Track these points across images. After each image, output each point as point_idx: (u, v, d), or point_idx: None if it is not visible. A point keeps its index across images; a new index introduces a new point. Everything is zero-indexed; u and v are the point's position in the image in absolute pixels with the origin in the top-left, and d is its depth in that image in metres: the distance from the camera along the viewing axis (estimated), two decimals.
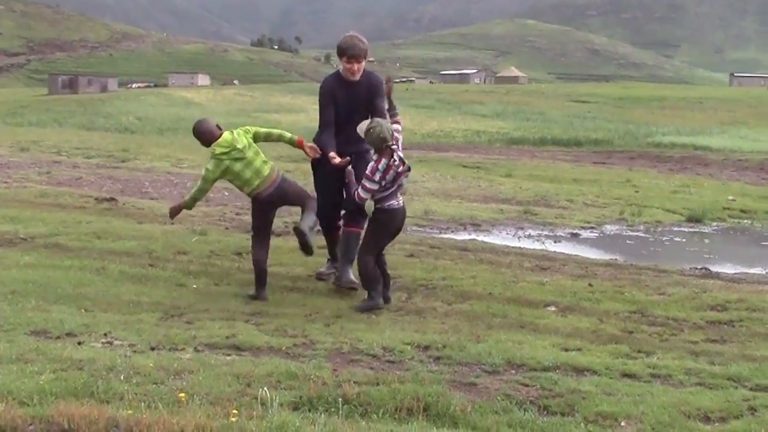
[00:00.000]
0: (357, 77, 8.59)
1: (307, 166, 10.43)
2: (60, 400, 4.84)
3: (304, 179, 18.89)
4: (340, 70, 8.73)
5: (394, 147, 7.89)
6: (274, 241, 10.51)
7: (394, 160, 7.87)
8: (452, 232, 13.23)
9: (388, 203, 8.02)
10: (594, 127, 49.96)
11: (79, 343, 6.37)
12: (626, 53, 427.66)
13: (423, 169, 22.54)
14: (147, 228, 11.94)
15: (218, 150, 8.10)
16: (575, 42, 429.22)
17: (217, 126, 8.31)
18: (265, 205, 8.37)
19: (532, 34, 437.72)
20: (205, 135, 8.18)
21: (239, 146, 8.17)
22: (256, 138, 8.38)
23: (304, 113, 62.57)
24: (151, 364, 5.70)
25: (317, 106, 9.06)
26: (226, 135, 8.20)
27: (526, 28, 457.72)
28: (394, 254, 9.97)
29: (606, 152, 35.47)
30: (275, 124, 54.41)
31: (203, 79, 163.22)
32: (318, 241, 9.43)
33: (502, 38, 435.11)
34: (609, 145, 40.66)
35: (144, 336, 6.59)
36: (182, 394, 5.08)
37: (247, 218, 13.40)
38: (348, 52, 8.47)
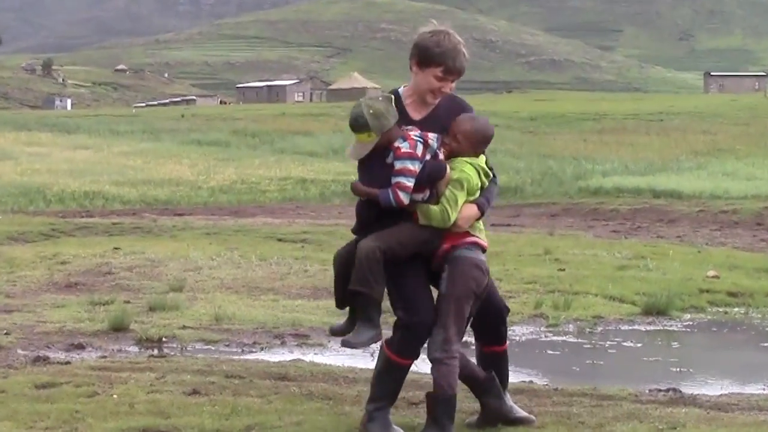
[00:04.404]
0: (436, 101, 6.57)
1: None
2: None
3: None
4: (403, 89, 6.70)
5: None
6: None
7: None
8: (262, 349, 10.95)
9: None
10: (493, 165, 42.63)
11: None
12: (539, 44, 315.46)
13: (212, 247, 19.35)
14: None
15: None
16: (456, 27, 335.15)
17: None
18: None
19: (385, 20, 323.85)
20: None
21: None
22: None
23: (11, 161, 47.13)
24: None
25: (50, 149, 5.52)
26: None
27: (375, 9, 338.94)
28: (167, 392, 7.96)
29: (513, 206, 29.48)
30: None
31: None
32: None
33: (339, 27, 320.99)
34: (517, 195, 33.04)
35: None
36: None
37: None
38: (448, 61, 6.41)
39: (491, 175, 6.46)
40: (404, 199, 5.89)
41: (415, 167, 5.95)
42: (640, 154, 45.28)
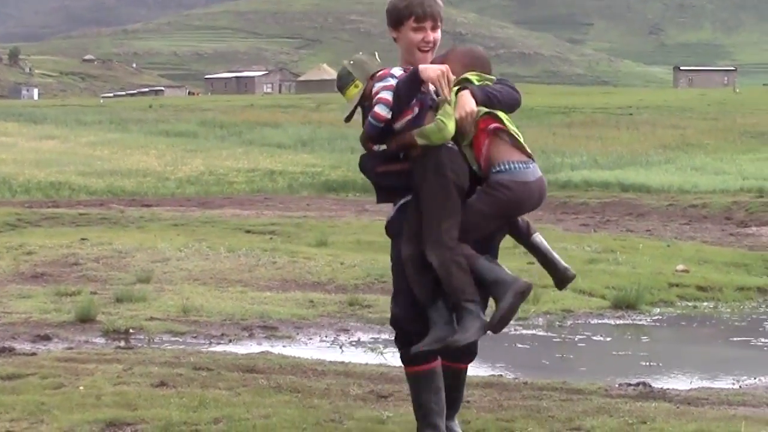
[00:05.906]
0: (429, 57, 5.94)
1: None
2: None
3: None
4: (396, 68, 5.98)
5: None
6: None
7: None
8: (230, 341, 10.90)
9: None
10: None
11: None
12: (508, 37, 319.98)
13: (180, 238, 18.89)
14: None
15: None
16: None
17: None
18: None
19: (355, 11, 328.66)
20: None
21: None
22: None
23: None
24: None
25: (16, 139, 6.02)
26: None
27: (345, 0, 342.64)
28: (134, 384, 7.86)
29: None
30: None
31: None
32: None
33: (309, 18, 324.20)
34: None
35: None
36: None
37: None
38: (416, 9, 5.85)
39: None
40: (381, 111, 5.49)
41: (389, 85, 5.58)
42: (609, 148, 45.07)
